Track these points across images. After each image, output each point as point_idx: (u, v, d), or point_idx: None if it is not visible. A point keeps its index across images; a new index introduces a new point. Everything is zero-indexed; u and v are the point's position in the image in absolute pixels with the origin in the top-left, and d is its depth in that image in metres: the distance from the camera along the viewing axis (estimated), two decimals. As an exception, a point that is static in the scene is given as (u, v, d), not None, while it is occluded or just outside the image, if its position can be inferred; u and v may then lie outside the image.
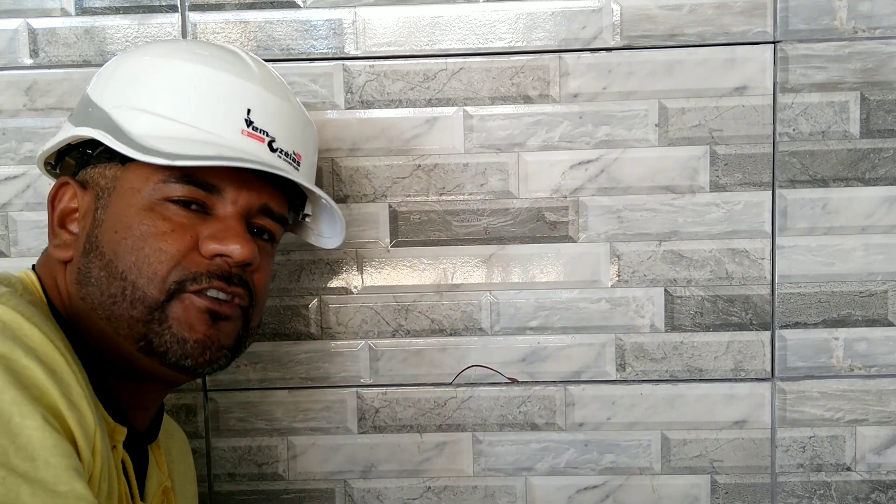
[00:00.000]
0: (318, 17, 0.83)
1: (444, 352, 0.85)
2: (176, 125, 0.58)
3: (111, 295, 0.56)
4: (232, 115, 0.59)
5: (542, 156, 0.83)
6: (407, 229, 0.84)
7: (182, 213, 0.57)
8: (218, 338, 0.59)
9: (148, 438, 0.65)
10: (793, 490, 0.85)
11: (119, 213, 0.57)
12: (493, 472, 0.86)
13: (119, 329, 0.57)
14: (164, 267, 0.56)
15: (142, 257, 0.56)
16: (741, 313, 0.84)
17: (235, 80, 0.60)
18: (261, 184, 0.61)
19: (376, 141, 0.83)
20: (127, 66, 0.61)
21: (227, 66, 0.61)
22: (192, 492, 0.77)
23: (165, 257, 0.56)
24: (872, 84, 0.82)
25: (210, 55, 0.61)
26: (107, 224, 0.57)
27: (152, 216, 0.57)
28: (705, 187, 0.83)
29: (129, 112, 0.58)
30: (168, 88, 0.59)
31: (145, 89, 0.59)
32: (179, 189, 0.57)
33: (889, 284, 0.83)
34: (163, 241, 0.56)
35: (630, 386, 0.85)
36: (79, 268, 0.58)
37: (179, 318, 0.57)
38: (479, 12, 0.82)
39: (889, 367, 0.84)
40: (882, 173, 0.82)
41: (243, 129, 0.60)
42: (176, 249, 0.56)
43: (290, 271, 0.85)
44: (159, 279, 0.56)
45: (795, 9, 0.81)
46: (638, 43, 0.82)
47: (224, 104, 0.59)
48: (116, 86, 0.60)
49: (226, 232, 0.58)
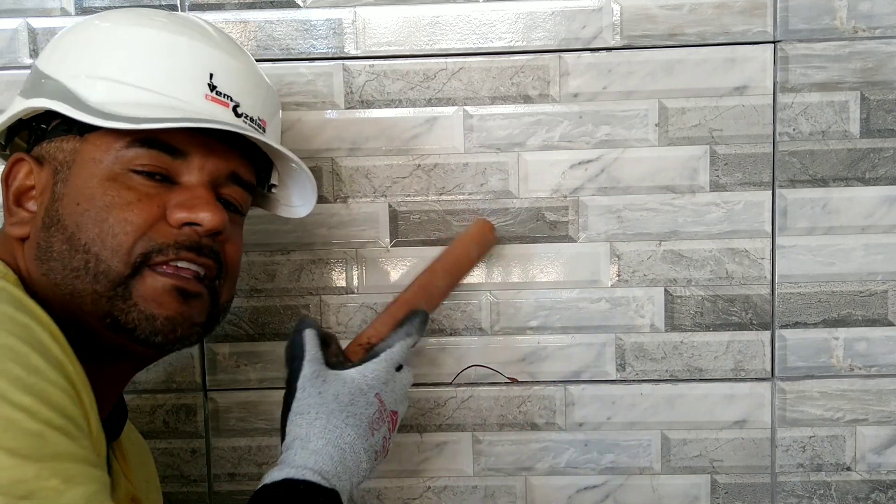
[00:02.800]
0: (317, 17, 0.83)
1: (443, 351, 0.85)
2: (136, 91, 0.55)
3: (74, 269, 0.54)
4: (195, 79, 0.57)
5: (542, 155, 0.83)
6: (407, 229, 0.84)
7: (147, 184, 0.55)
8: (190, 315, 0.57)
9: (110, 434, 0.61)
10: (793, 490, 0.85)
11: (80, 184, 0.54)
12: (493, 472, 0.86)
13: (83, 305, 0.54)
14: (129, 238, 0.53)
15: (105, 228, 0.53)
16: (741, 313, 0.84)
17: (196, 44, 0.58)
18: (228, 150, 0.59)
19: (376, 141, 0.83)
20: (82, 34, 0.58)
21: (187, 31, 0.59)
22: (157, 498, 0.73)
23: (131, 228, 0.53)
24: (872, 84, 0.82)
25: (168, 21, 0.59)
26: (68, 197, 0.54)
27: (116, 186, 0.54)
28: (705, 187, 0.83)
29: (86, 80, 0.55)
30: (126, 54, 0.56)
31: (102, 56, 0.56)
32: (144, 154, 0.55)
33: (889, 284, 0.83)
34: (127, 212, 0.53)
35: (630, 386, 0.85)
36: (38, 243, 0.55)
37: (146, 295, 0.54)
38: (479, 12, 0.82)
39: (889, 367, 0.84)
40: (882, 173, 0.82)
41: (207, 94, 0.57)
42: (142, 220, 0.54)
43: (290, 271, 0.85)
44: (124, 251, 0.53)
45: (795, 8, 0.81)
46: (638, 43, 0.82)
47: (187, 68, 0.57)
48: (71, 55, 0.57)
49: (195, 199, 0.56)
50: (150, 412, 0.86)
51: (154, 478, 0.74)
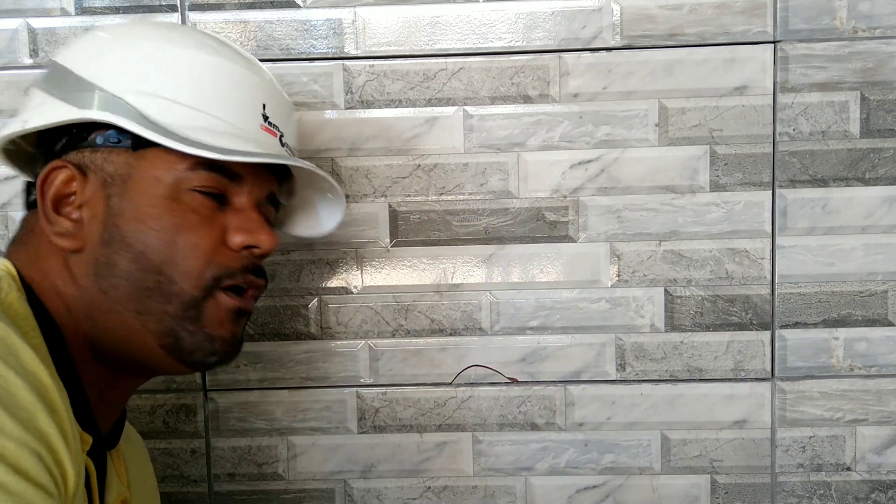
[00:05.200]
0: (317, 17, 0.83)
1: (444, 352, 0.85)
2: (202, 116, 0.57)
3: (146, 288, 0.55)
4: (254, 109, 0.60)
5: (542, 156, 0.83)
6: (407, 229, 0.84)
7: (207, 204, 0.57)
8: (240, 334, 0.60)
9: (110, 443, 0.62)
10: (793, 490, 0.85)
11: (142, 202, 0.55)
12: (492, 472, 0.86)
13: (147, 323, 0.55)
14: (199, 262, 0.56)
15: (176, 251, 0.55)
16: (741, 313, 0.84)
17: (249, 74, 0.61)
18: (270, 175, 0.62)
19: (376, 141, 0.83)
20: (134, 48, 0.58)
21: (238, 59, 0.61)
22: (153, 497, 0.73)
23: (200, 252, 0.56)
24: (872, 84, 0.82)
25: (219, 46, 0.61)
26: (128, 213, 0.55)
27: (180, 208, 0.56)
28: (705, 187, 0.83)
29: (149, 99, 0.56)
30: (190, 78, 0.57)
31: (166, 76, 0.57)
32: (206, 177, 0.57)
33: (889, 284, 0.83)
34: (194, 235, 0.56)
35: (630, 386, 0.85)
36: (97, 259, 0.55)
37: (212, 317, 0.57)
38: (479, 12, 0.82)
39: (889, 367, 0.84)
40: (882, 173, 0.82)
41: (261, 124, 0.60)
42: (209, 245, 0.56)
43: (290, 271, 0.85)
44: (195, 275, 0.56)
45: (795, 8, 0.81)
46: (638, 43, 0.82)
47: (246, 98, 0.60)
48: (123, 68, 0.57)
49: (251, 223, 0.59)
50: (150, 412, 0.86)
51: (151, 477, 0.74)
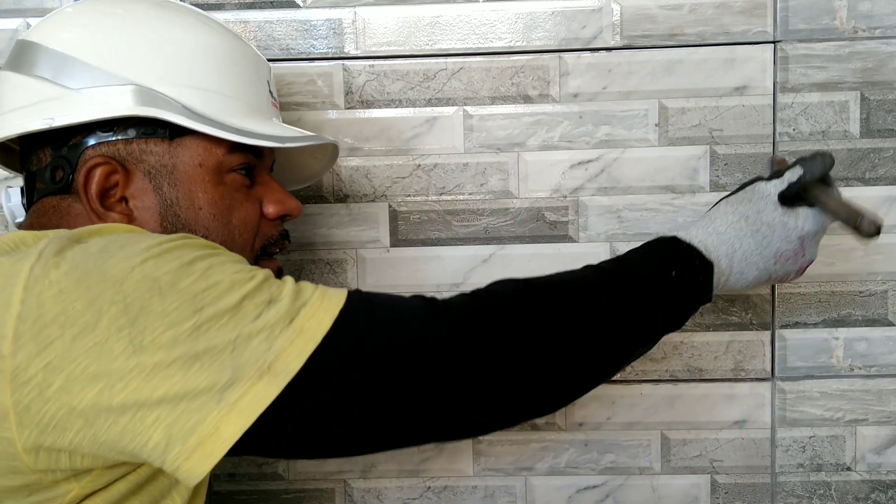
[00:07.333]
0: (317, 17, 0.83)
1: (443, 352, 0.85)
2: (232, 101, 0.60)
3: None
4: (263, 85, 0.64)
5: (542, 156, 0.83)
6: (407, 229, 0.84)
7: (244, 182, 0.62)
8: None
9: None
10: (793, 490, 0.85)
11: (194, 189, 0.58)
12: (492, 472, 0.86)
13: None
14: (250, 236, 0.62)
15: (233, 229, 0.60)
16: (741, 313, 0.84)
17: (251, 50, 0.64)
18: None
19: (376, 141, 0.83)
20: (148, 36, 0.58)
21: (232, 33, 0.64)
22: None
23: (249, 227, 0.62)
24: (872, 84, 0.82)
25: (222, 24, 0.64)
26: (183, 202, 0.58)
27: (227, 190, 0.60)
28: (705, 187, 0.83)
29: (185, 90, 0.57)
30: (215, 64, 0.60)
31: (192, 63, 0.58)
32: (241, 157, 0.60)
33: (889, 284, 0.83)
34: (243, 211, 0.61)
35: (630, 386, 0.85)
36: None
37: None
38: (479, 12, 0.82)
39: (889, 367, 0.84)
40: (882, 173, 0.82)
41: (269, 99, 0.65)
42: (254, 219, 0.62)
43: (290, 271, 0.85)
44: (249, 248, 0.62)
45: (795, 8, 0.81)
46: (638, 43, 0.82)
47: (258, 76, 0.64)
48: (147, 57, 0.57)
49: (279, 194, 0.64)
50: (150, 412, 0.86)
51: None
